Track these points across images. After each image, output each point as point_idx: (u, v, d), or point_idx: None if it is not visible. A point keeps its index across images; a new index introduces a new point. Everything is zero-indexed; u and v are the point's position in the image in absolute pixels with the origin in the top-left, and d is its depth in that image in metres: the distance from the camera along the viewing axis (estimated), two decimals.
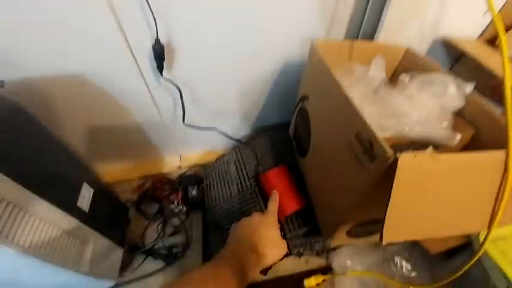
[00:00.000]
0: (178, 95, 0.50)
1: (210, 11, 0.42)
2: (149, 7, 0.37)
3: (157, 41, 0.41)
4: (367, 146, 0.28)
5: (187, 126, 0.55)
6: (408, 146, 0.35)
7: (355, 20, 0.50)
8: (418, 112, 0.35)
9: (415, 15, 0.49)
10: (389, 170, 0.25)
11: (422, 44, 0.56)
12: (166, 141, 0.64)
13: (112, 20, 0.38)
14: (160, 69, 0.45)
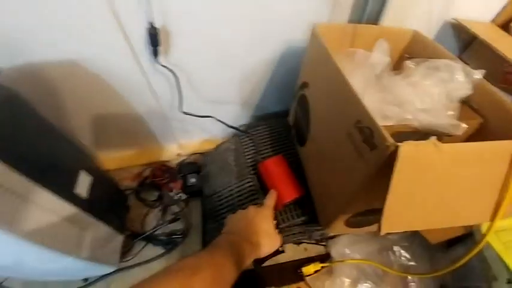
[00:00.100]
0: (175, 81, 0.49)
1: None
2: None
3: (151, 25, 0.40)
4: (367, 134, 0.27)
5: (185, 114, 0.54)
6: (411, 135, 0.34)
7: (359, 2, 0.47)
8: (422, 100, 0.34)
9: None
10: (389, 159, 0.24)
11: (431, 27, 0.54)
12: (165, 129, 0.63)
13: (104, 1, 0.37)
14: (155, 54, 0.44)
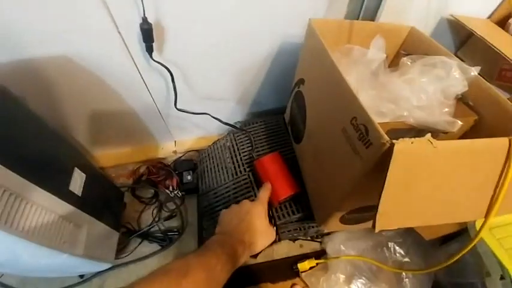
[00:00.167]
0: (170, 78, 0.48)
1: None
2: None
3: (144, 20, 0.39)
4: (362, 131, 0.27)
5: (180, 111, 0.53)
6: (407, 132, 0.34)
7: None
8: (418, 97, 0.34)
9: None
10: (384, 156, 0.24)
11: (428, 23, 0.53)
12: (161, 126, 0.62)
13: None
14: (149, 50, 0.43)
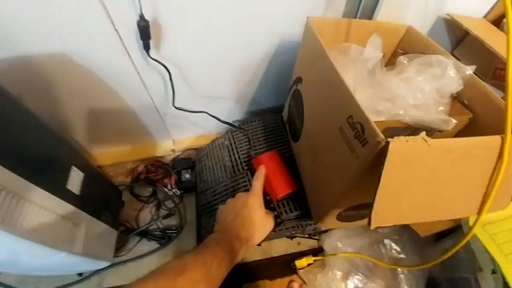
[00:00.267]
0: (168, 76, 0.48)
1: None
2: None
3: (141, 17, 0.39)
4: (358, 130, 0.28)
5: (178, 109, 0.53)
6: (402, 130, 0.34)
7: None
8: (414, 95, 0.34)
9: None
10: (380, 154, 0.25)
11: (425, 22, 0.54)
12: (159, 124, 0.62)
13: None
14: (147, 48, 0.43)
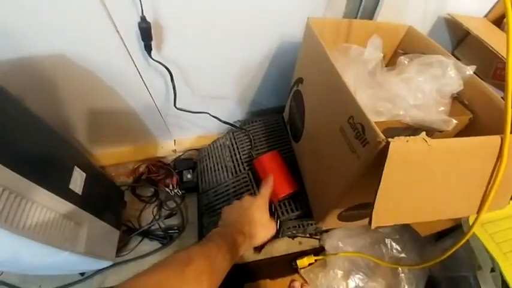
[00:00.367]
0: (169, 77, 0.48)
1: None
2: None
3: (143, 18, 0.39)
4: (359, 130, 0.28)
5: (180, 110, 0.54)
6: (403, 130, 0.34)
7: None
8: (415, 96, 0.34)
9: None
10: (380, 155, 0.25)
11: (425, 22, 0.54)
12: (160, 125, 0.63)
13: None
14: (148, 49, 0.43)
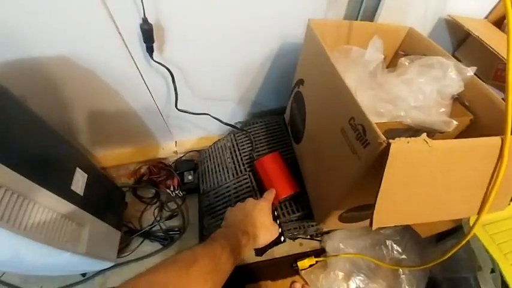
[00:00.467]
0: (171, 78, 0.49)
1: None
2: None
3: (145, 20, 0.39)
4: (360, 131, 0.28)
5: (181, 111, 0.54)
6: (404, 131, 0.34)
7: None
8: (415, 97, 0.34)
9: None
10: (381, 156, 0.25)
11: (426, 24, 0.54)
12: (161, 126, 0.63)
13: None
14: (150, 51, 0.43)
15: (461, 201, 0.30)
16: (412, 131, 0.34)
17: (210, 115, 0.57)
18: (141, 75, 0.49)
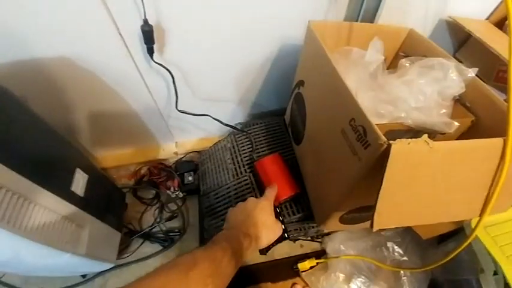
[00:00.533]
0: (171, 79, 0.49)
1: None
2: None
3: (145, 22, 0.39)
4: (360, 132, 0.28)
5: (181, 112, 0.54)
6: (404, 133, 0.34)
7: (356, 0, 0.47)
8: (416, 98, 0.34)
9: None
10: (382, 157, 0.25)
11: (427, 25, 0.54)
12: (162, 127, 0.63)
13: None
14: (150, 52, 0.43)
15: (463, 203, 0.30)
16: (413, 132, 0.34)
17: (210, 116, 0.57)
18: (142, 76, 0.49)
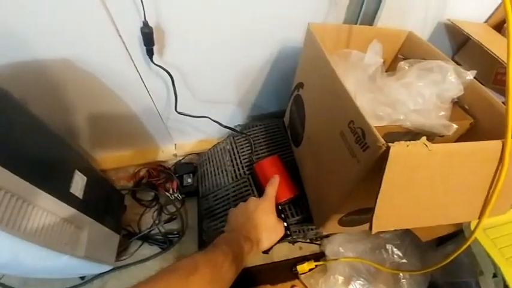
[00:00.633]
0: (170, 81, 0.49)
1: None
2: None
3: (145, 24, 0.39)
4: (359, 135, 0.28)
5: (180, 114, 0.54)
6: (403, 135, 0.34)
7: (355, 2, 0.48)
8: (415, 101, 0.34)
9: None
10: (381, 159, 0.25)
11: (426, 28, 0.54)
12: (161, 129, 0.63)
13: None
14: (150, 54, 0.43)
15: (462, 205, 0.30)
16: (412, 134, 0.34)
17: (209, 118, 0.57)
18: (141, 78, 0.50)
